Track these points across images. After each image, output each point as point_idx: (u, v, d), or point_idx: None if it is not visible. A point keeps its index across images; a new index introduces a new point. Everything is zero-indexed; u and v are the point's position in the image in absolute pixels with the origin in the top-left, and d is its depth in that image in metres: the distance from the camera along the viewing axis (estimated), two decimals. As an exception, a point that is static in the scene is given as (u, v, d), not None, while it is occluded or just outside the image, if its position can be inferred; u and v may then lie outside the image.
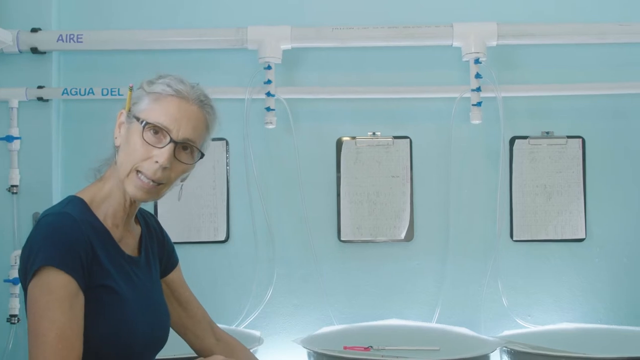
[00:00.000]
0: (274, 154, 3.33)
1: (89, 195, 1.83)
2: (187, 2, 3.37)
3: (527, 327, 3.21)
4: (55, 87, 3.29)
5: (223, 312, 3.21)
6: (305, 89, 3.31)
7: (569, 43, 3.24)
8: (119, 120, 1.84)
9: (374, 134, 3.32)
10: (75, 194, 1.83)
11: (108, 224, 1.82)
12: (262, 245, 3.30)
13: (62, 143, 3.33)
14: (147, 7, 3.37)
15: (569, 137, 3.29)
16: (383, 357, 2.74)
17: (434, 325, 3.21)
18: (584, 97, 3.26)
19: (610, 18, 3.20)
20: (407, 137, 3.32)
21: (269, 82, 3.18)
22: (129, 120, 1.81)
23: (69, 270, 1.65)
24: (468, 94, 3.17)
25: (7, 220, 3.19)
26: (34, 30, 3.21)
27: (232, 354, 2.12)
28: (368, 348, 2.86)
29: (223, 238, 3.31)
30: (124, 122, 1.82)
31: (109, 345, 1.74)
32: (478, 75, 3.14)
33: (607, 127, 3.30)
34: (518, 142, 3.29)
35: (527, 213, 3.28)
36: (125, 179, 1.79)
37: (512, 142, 3.29)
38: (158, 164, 1.76)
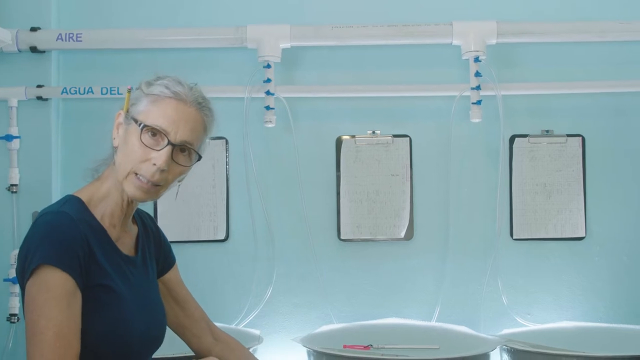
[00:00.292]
0: (274, 153, 3.32)
1: (87, 195, 1.83)
2: (186, 1, 3.36)
3: (527, 325, 3.21)
4: (55, 86, 3.29)
5: (223, 311, 3.21)
6: (305, 88, 3.30)
7: (569, 41, 3.23)
8: (117, 121, 1.83)
9: (374, 133, 3.31)
10: (73, 194, 1.83)
11: (105, 224, 1.82)
12: (261, 244, 3.29)
13: (61, 142, 3.33)
14: (146, 6, 3.37)
15: (569, 135, 3.28)
16: (383, 355, 2.73)
17: (434, 324, 3.20)
18: (584, 95, 3.26)
19: (610, 16, 3.20)
20: (406, 135, 3.31)
21: (269, 80, 3.17)
22: (127, 122, 1.80)
23: (67, 269, 1.66)
24: (468, 93, 3.16)
25: (6, 220, 3.21)
26: (34, 29, 3.21)
27: (230, 353, 2.12)
28: (368, 347, 2.85)
29: (223, 237, 3.31)
30: (122, 123, 1.82)
31: (106, 344, 1.74)
32: (478, 74, 3.14)
33: (607, 125, 3.30)
34: (518, 140, 3.29)
35: (527, 211, 3.27)
36: (124, 180, 1.79)
37: (512, 140, 3.29)
38: (156, 167, 1.76)
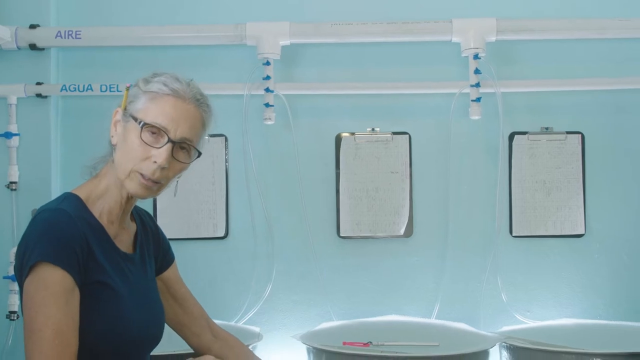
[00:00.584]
0: (273, 150, 3.32)
1: (85, 192, 1.82)
2: (185, -2, 3.37)
3: (526, 322, 3.21)
4: (54, 83, 3.29)
5: (222, 308, 3.21)
6: (304, 85, 3.31)
7: (569, 38, 3.23)
8: (115, 119, 1.83)
9: (373, 130, 3.31)
10: (71, 191, 1.83)
11: (104, 221, 1.82)
12: (261, 241, 3.30)
13: (60, 139, 3.33)
14: (145, 3, 3.36)
15: (569, 132, 3.28)
16: (382, 352, 2.73)
17: (433, 321, 3.21)
18: (584, 92, 3.26)
19: (610, 13, 3.19)
20: (406, 132, 3.31)
21: (268, 78, 3.17)
22: (125, 119, 1.80)
23: (65, 266, 1.65)
24: (467, 90, 3.16)
25: (6, 217, 3.21)
26: (33, 27, 3.21)
27: (229, 351, 2.12)
28: (367, 344, 2.86)
29: (222, 234, 3.31)
30: (120, 120, 1.81)
31: (104, 342, 1.74)
32: (477, 71, 3.13)
33: (606, 122, 3.30)
34: (517, 137, 3.29)
35: (526, 209, 3.27)
36: (126, 179, 1.79)
37: (511, 137, 3.29)
38: (157, 164, 1.76)
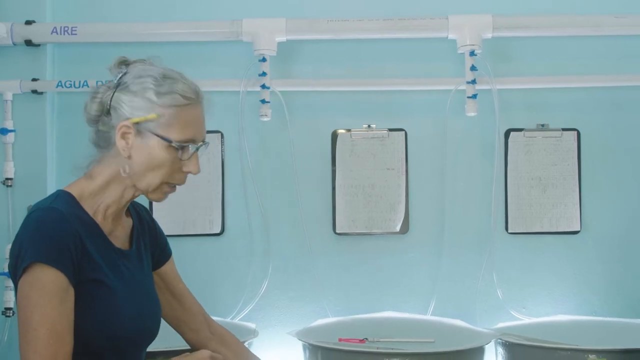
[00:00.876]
0: (269, 147, 3.32)
1: (78, 190, 1.81)
2: (181, -6, 3.36)
3: (521, 319, 3.21)
4: (50, 79, 3.28)
5: (218, 304, 3.21)
6: (300, 82, 3.30)
7: (564, 35, 3.23)
8: (122, 131, 1.75)
9: (369, 127, 3.31)
10: (63, 188, 1.82)
11: (98, 218, 1.81)
12: (257, 238, 3.30)
13: (56, 136, 3.32)
14: (141, -1, 3.36)
15: (564, 129, 3.28)
16: (378, 349, 2.73)
17: (429, 318, 3.20)
18: (579, 89, 3.26)
19: (606, 10, 3.19)
20: (402, 129, 3.31)
21: (264, 74, 3.17)
22: (142, 134, 1.76)
23: (59, 266, 1.65)
24: (463, 87, 3.16)
25: (1, 214, 3.21)
26: (28, 23, 3.20)
27: (226, 348, 2.12)
28: (363, 340, 2.86)
29: (218, 231, 3.31)
30: (131, 133, 1.76)
31: (100, 339, 1.74)
32: (473, 68, 3.13)
33: (602, 119, 3.30)
34: (513, 134, 3.29)
35: (522, 205, 3.28)
36: (153, 191, 1.81)
37: (507, 134, 3.28)
38: (191, 174, 1.82)
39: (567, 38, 3.26)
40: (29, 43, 3.20)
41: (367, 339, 2.87)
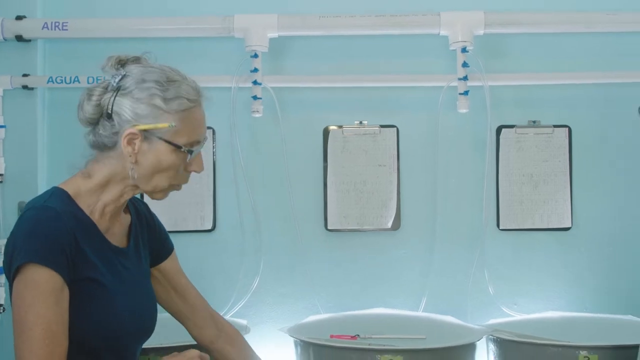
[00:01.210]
0: (261, 143, 3.31)
1: (74, 187, 1.79)
2: (173, -10, 3.35)
3: (513, 315, 3.21)
4: (41, 75, 3.26)
5: (209, 300, 3.09)
6: (292, 78, 3.29)
7: (556, 32, 3.23)
8: (129, 137, 1.73)
9: (361, 123, 3.31)
10: (59, 186, 1.80)
11: (95, 216, 1.80)
12: (248, 235, 3.29)
13: (47, 131, 3.30)
14: (133, -5, 3.35)
15: (556, 126, 3.28)
16: (370, 345, 2.73)
17: (421, 314, 3.20)
18: (571, 86, 3.26)
19: (598, 7, 3.19)
20: (394, 126, 3.31)
21: (256, 70, 3.16)
22: (150, 139, 1.75)
23: (53, 265, 1.64)
24: (455, 83, 3.16)
25: (-8, 209, 3.20)
26: (19, 18, 3.18)
27: (231, 347, 2.13)
28: (355, 337, 2.86)
29: (210, 227, 3.30)
30: (137, 139, 1.74)
31: (96, 338, 1.74)
32: (465, 64, 3.13)
33: (593, 116, 3.30)
34: (505, 131, 3.29)
35: (513, 202, 3.28)
36: (158, 192, 1.84)
37: (498, 131, 3.28)
38: (197, 172, 1.84)
39: (559, 35, 3.26)
40: (20, 38, 3.18)
41: (358, 336, 2.86)
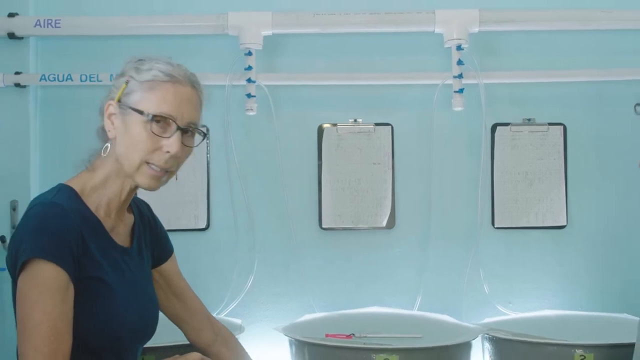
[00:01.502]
0: (255, 141, 3.30)
1: (80, 184, 1.80)
2: (167, -13, 3.33)
3: (508, 314, 3.20)
4: (33, 73, 3.24)
5: (203, 300, 3.07)
6: (286, 76, 3.28)
7: (552, 30, 3.23)
8: (108, 112, 1.79)
9: (356, 121, 3.30)
10: (65, 183, 1.80)
11: (100, 214, 1.80)
12: (242, 233, 3.27)
13: (39, 129, 3.26)
14: (126, -8, 3.33)
15: (551, 124, 3.28)
16: (365, 344, 2.73)
17: (416, 313, 3.20)
18: (566, 84, 3.26)
19: (594, 4, 3.18)
20: (388, 124, 3.30)
21: (250, 68, 3.14)
22: (124, 112, 1.77)
23: (59, 262, 1.63)
24: (450, 81, 3.15)
25: (-16, 208, 3.17)
26: (11, 15, 3.15)
27: (227, 351, 2.14)
28: (350, 336, 2.86)
29: (204, 226, 3.29)
30: (116, 113, 1.78)
31: (97, 337, 1.73)
32: (460, 62, 3.12)
33: (588, 114, 3.30)
34: (499, 129, 3.28)
35: (508, 200, 3.27)
36: (136, 172, 1.77)
37: (493, 129, 3.28)
38: (170, 154, 1.75)
39: (554, 32, 3.26)
40: (12, 36, 3.15)
41: (354, 335, 2.86)
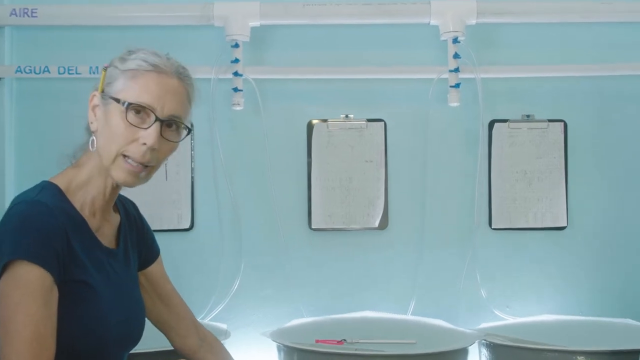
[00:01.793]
0: (241, 137, 3.25)
1: (65, 182, 1.74)
2: (150, -25, 3.27)
3: (506, 319, 3.19)
4: (8, 64, 3.18)
5: (187, 303, 3.08)
6: (275, 69, 3.24)
7: (551, 22, 3.19)
8: (92, 104, 1.76)
9: (347, 117, 3.25)
10: (49, 180, 1.75)
11: (85, 213, 1.74)
12: (228, 234, 3.23)
13: (15, 123, 3.20)
14: (107, -20, 3.27)
15: (551, 120, 3.24)
16: (357, 350, 2.67)
17: (410, 318, 3.17)
18: (567, 79, 3.22)
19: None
20: (381, 120, 3.25)
21: (237, 61, 3.08)
22: (105, 102, 1.73)
23: (43, 264, 1.57)
24: (446, 75, 3.11)
25: (-45, 206, 3.10)
26: (-15, 4, 3.11)
27: (215, 357, 2.12)
28: (341, 341, 2.79)
29: (187, 226, 3.23)
30: (99, 104, 1.74)
31: (84, 343, 1.67)
32: (456, 56, 3.08)
33: (590, 110, 3.27)
34: (497, 125, 3.24)
35: (506, 200, 3.24)
36: (112, 165, 1.72)
37: (491, 125, 3.24)
38: (146, 146, 1.69)
39: (554, 25, 3.23)
40: (-14, 26, 3.10)
41: (345, 340, 2.80)
